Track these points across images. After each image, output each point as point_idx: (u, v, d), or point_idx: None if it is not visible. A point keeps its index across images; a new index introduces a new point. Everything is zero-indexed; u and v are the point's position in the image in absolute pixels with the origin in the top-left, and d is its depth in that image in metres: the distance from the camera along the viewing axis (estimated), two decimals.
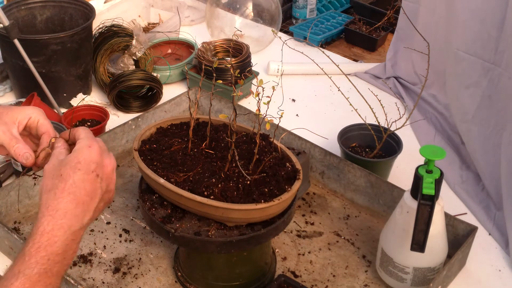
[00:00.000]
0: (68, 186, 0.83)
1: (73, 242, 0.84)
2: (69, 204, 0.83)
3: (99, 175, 0.86)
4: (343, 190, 1.44)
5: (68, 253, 0.83)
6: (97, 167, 0.86)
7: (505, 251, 1.32)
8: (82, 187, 0.84)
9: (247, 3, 2.13)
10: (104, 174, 0.87)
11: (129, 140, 1.56)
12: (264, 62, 1.95)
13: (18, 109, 0.97)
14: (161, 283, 1.23)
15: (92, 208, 0.86)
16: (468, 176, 1.51)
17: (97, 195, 0.86)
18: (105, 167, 0.88)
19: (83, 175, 0.84)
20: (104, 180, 0.87)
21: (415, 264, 1.16)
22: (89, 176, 0.85)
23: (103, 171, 0.87)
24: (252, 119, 1.30)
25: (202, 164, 1.12)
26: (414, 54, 1.72)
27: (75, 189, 0.83)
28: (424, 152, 1.09)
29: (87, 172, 0.85)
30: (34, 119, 0.97)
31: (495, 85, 1.43)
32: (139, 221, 1.37)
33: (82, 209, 0.84)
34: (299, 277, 1.24)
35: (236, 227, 1.08)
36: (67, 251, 0.83)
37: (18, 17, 1.75)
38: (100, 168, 0.87)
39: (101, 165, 0.87)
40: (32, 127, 0.97)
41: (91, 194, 0.85)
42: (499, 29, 1.39)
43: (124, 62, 1.81)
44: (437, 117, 1.71)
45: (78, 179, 0.84)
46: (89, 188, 0.85)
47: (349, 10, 2.41)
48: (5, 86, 1.80)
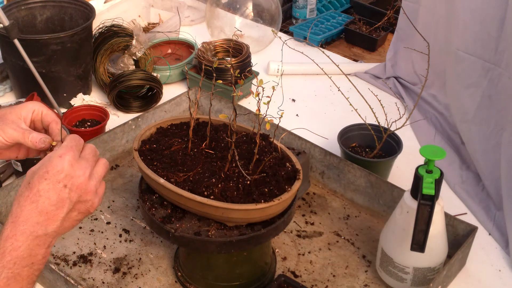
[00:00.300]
0: (32, 195, 0.84)
1: (39, 247, 0.84)
2: (31, 212, 0.84)
3: (67, 185, 0.85)
4: (343, 190, 1.44)
5: (35, 257, 0.84)
6: (65, 177, 0.85)
7: (505, 251, 1.32)
8: (46, 197, 0.84)
9: (247, 3, 2.13)
10: (73, 185, 0.86)
11: (129, 140, 1.56)
12: (264, 62, 1.95)
13: (20, 106, 0.98)
14: (161, 283, 1.23)
15: (58, 217, 0.85)
16: (468, 176, 1.51)
17: (64, 205, 0.85)
18: (75, 178, 0.86)
19: (49, 184, 0.84)
20: (74, 190, 0.86)
21: (415, 264, 1.16)
22: (55, 186, 0.85)
23: (72, 182, 0.86)
24: (252, 119, 1.30)
25: (202, 164, 1.12)
26: (414, 54, 1.72)
27: (39, 198, 0.84)
28: (424, 152, 1.09)
29: (54, 182, 0.85)
30: (38, 111, 0.98)
31: (495, 85, 1.43)
32: (139, 221, 1.37)
33: (46, 218, 0.84)
34: (299, 277, 1.24)
35: (236, 227, 1.08)
36: (34, 256, 0.84)
37: (18, 17, 1.75)
38: (69, 179, 0.86)
39: (71, 176, 0.86)
40: (37, 120, 0.99)
41: (57, 204, 0.85)
42: (499, 29, 1.39)
43: (124, 62, 1.81)
44: (437, 117, 1.71)
45: (43, 188, 0.84)
46: (54, 198, 0.84)
47: (349, 10, 2.41)
48: (5, 86, 1.80)
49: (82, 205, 0.88)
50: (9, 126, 0.94)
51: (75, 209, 0.88)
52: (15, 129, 0.94)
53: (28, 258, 0.83)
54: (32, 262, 0.84)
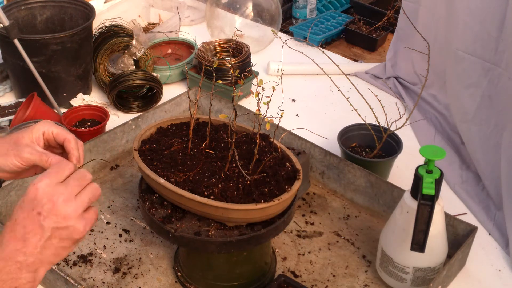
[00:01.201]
0: (11, 224, 0.85)
1: (20, 271, 0.84)
2: (10, 240, 0.85)
3: (41, 212, 0.85)
4: (343, 190, 1.44)
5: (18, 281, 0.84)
6: (38, 204, 0.85)
7: (505, 251, 1.32)
8: (22, 225, 0.85)
9: (247, 3, 2.13)
10: (46, 211, 0.85)
11: (129, 140, 1.56)
12: (264, 62, 1.95)
13: (30, 129, 0.98)
14: (161, 283, 1.23)
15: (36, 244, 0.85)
16: (468, 176, 1.51)
17: (38, 232, 0.85)
18: (48, 204, 0.85)
19: (23, 213, 0.85)
20: (49, 217, 0.85)
21: (415, 264, 1.16)
22: (29, 214, 0.85)
23: (45, 209, 0.85)
24: (252, 119, 1.30)
25: (202, 164, 1.12)
26: (414, 54, 1.72)
27: (16, 226, 0.85)
28: (424, 152, 1.09)
29: (28, 210, 0.85)
30: (48, 131, 0.97)
31: (495, 85, 1.43)
32: (139, 221, 1.37)
33: (23, 245, 0.85)
34: (299, 277, 1.24)
35: (236, 227, 1.08)
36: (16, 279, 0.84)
37: (18, 17, 1.75)
38: (42, 206, 0.85)
39: (43, 202, 0.85)
40: (49, 139, 0.98)
41: (32, 231, 0.85)
42: (499, 29, 1.39)
43: (124, 62, 1.81)
44: (437, 117, 1.71)
45: (19, 217, 0.85)
46: (29, 226, 0.85)
47: (349, 10, 2.41)
48: (5, 86, 1.80)
49: (62, 231, 0.86)
50: (25, 151, 0.94)
51: (54, 236, 0.86)
52: (32, 153, 0.94)
53: (10, 282, 0.83)
54: (16, 286, 0.84)
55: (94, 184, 0.90)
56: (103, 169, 1.51)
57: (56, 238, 0.86)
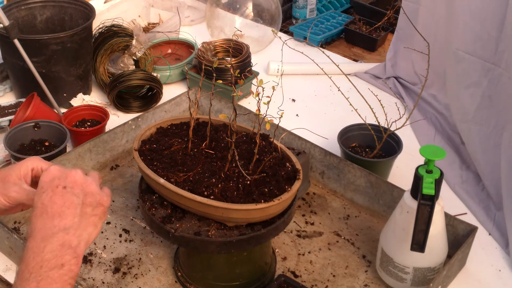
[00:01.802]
0: (38, 210, 0.86)
1: (63, 248, 0.84)
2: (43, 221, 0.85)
3: (66, 186, 0.87)
4: (343, 190, 1.44)
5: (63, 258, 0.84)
6: (60, 180, 0.88)
7: (505, 251, 1.32)
8: (52, 203, 0.86)
9: (247, 3, 2.13)
10: (71, 183, 0.88)
11: (129, 140, 1.56)
12: (264, 62, 1.95)
13: (18, 165, 0.97)
14: (161, 283, 1.23)
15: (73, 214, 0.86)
16: (468, 176, 1.51)
17: (73, 203, 0.87)
18: (69, 177, 0.88)
19: (49, 193, 0.87)
20: (75, 187, 0.88)
21: (415, 264, 1.16)
22: (55, 191, 0.86)
23: (68, 181, 0.88)
24: (252, 119, 1.30)
25: (202, 164, 1.12)
26: (414, 54, 1.72)
27: (45, 208, 0.86)
28: (424, 152, 1.09)
29: (52, 189, 0.87)
30: (37, 168, 0.97)
31: (495, 85, 1.43)
32: (139, 221, 1.37)
33: (59, 219, 0.85)
34: (299, 277, 1.24)
35: (236, 227, 1.08)
36: (61, 257, 0.84)
37: (18, 17, 1.75)
38: (64, 179, 0.88)
39: (65, 177, 0.88)
40: (37, 176, 0.98)
41: (65, 204, 0.86)
42: (499, 29, 1.39)
43: (124, 62, 1.81)
44: (437, 117, 1.71)
45: (45, 199, 0.86)
46: (59, 200, 0.86)
47: (349, 10, 2.41)
48: (5, 86, 1.80)
49: (90, 198, 0.89)
50: (12, 190, 0.94)
51: (86, 203, 0.88)
52: (18, 192, 0.94)
53: (54, 260, 0.83)
54: (62, 264, 0.83)
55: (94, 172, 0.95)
56: (103, 169, 1.51)
57: (88, 205, 0.88)
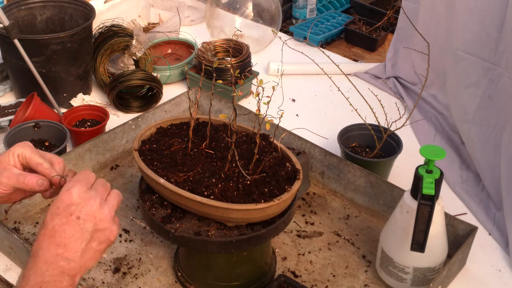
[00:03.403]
0: (48, 232, 0.86)
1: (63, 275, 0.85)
2: (49, 246, 0.85)
3: (80, 216, 0.86)
4: (343, 190, 1.44)
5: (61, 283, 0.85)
6: (76, 209, 0.87)
7: (505, 251, 1.32)
8: (61, 231, 0.86)
9: (247, 3, 2.13)
10: (86, 215, 0.87)
11: (129, 140, 1.56)
12: (264, 62, 1.95)
13: (6, 153, 0.98)
14: (161, 283, 1.23)
15: (77, 248, 0.86)
16: (468, 176, 1.51)
17: (82, 235, 0.86)
18: (86, 207, 0.87)
19: (61, 219, 0.86)
20: (88, 220, 0.87)
21: (415, 264, 1.16)
22: (69, 219, 0.86)
23: (84, 212, 0.87)
24: (252, 119, 1.30)
25: (202, 164, 1.12)
26: (414, 54, 1.72)
27: (54, 233, 0.86)
28: (424, 152, 1.09)
29: (66, 215, 0.86)
30: (22, 155, 0.97)
31: (495, 85, 1.43)
32: (139, 221, 1.37)
33: (64, 250, 0.86)
34: (299, 277, 1.24)
35: (236, 227, 1.08)
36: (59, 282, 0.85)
37: (18, 17, 1.75)
38: (80, 210, 0.87)
39: (82, 206, 0.87)
40: (23, 163, 0.98)
41: (74, 236, 0.86)
42: (499, 29, 1.39)
43: (124, 62, 1.81)
44: (437, 117, 1.71)
45: (56, 223, 0.86)
46: (69, 231, 0.86)
47: (349, 10, 2.41)
48: (5, 86, 1.80)
49: (101, 233, 0.88)
50: (3, 176, 0.94)
51: (94, 239, 0.88)
52: (9, 177, 0.94)
53: (53, 284, 0.84)
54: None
55: (116, 190, 0.93)
56: (103, 169, 1.51)
57: (95, 241, 0.88)
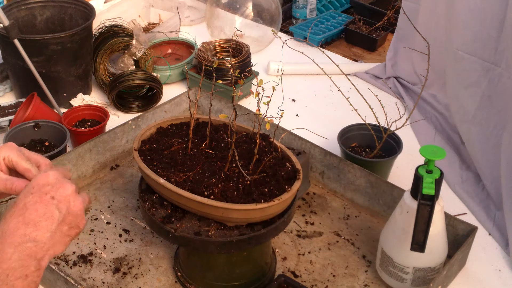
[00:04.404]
0: (18, 210, 0.83)
1: (30, 258, 0.82)
2: (17, 224, 0.82)
3: (54, 197, 0.85)
4: (343, 190, 1.44)
5: (28, 269, 0.82)
6: (51, 189, 0.85)
7: (505, 251, 1.32)
8: (33, 209, 0.83)
9: (247, 3, 2.13)
10: (60, 196, 0.85)
11: (129, 140, 1.56)
12: (264, 62, 1.95)
13: None
14: (161, 283, 1.23)
15: (48, 228, 0.84)
16: (468, 176, 1.51)
17: (52, 215, 0.84)
18: (61, 189, 0.86)
19: (35, 197, 0.84)
20: (62, 201, 0.85)
21: (415, 264, 1.16)
22: (42, 198, 0.84)
23: (59, 193, 0.85)
24: (252, 119, 1.30)
25: (202, 164, 1.12)
26: (414, 54, 1.72)
27: (25, 211, 0.83)
28: (424, 152, 1.09)
29: (40, 195, 0.84)
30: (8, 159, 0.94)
31: (495, 85, 1.43)
32: (139, 221, 1.37)
33: (34, 229, 0.83)
34: (299, 277, 1.24)
35: (236, 227, 1.08)
36: (26, 267, 0.82)
37: (18, 17, 1.75)
38: (55, 190, 0.85)
39: (57, 187, 0.86)
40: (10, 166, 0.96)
41: (45, 215, 0.84)
42: (499, 29, 1.39)
43: (124, 62, 1.81)
44: (437, 117, 1.71)
45: (29, 201, 0.84)
46: (41, 209, 0.84)
47: (349, 10, 2.41)
48: (5, 86, 1.80)
49: (72, 218, 0.86)
50: None
51: (65, 222, 0.86)
52: None
53: (20, 270, 0.81)
54: (26, 274, 0.82)
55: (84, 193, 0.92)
56: (103, 169, 1.51)
57: (66, 224, 0.86)
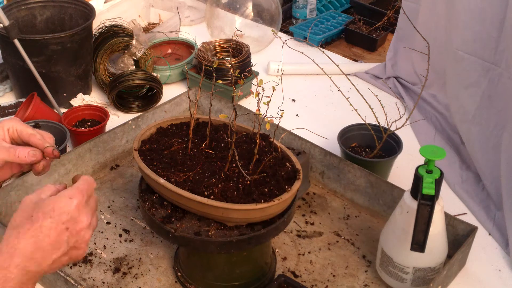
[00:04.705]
0: (33, 229, 0.82)
1: (29, 282, 0.82)
2: (28, 246, 0.82)
3: (68, 228, 0.84)
4: (343, 190, 1.44)
5: None
6: (69, 220, 0.84)
7: (505, 251, 1.32)
8: (47, 235, 0.82)
9: (247, 3, 2.13)
10: (74, 230, 0.85)
11: (129, 140, 1.56)
12: (264, 62, 1.95)
13: None
14: (161, 283, 1.23)
15: (52, 258, 0.84)
16: (468, 176, 1.51)
17: (61, 247, 0.84)
18: (78, 223, 0.85)
19: (52, 223, 0.83)
20: (74, 235, 0.85)
21: (415, 264, 1.16)
22: (58, 226, 0.83)
23: (74, 227, 0.85)
24: (252, 119, 1.30)
25: (202, 164, 1.12)
26: (414, 54, 1.72)
27: (39, 233, 0.82)
28: (424, 152, 1.09)
29: (57, 222, 0.83)
30: (13, 128, 0.96)
31: (495, 85, 1.43)
32: (139, 221, 1.37)
33: (42, 255, 0.83)
34: (299, 277, 1.24)
35: (236, 227, 1.08)
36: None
37: (18, 17, 1.75)
38: (73, 223, 0.85)
39: (75, 220, 0.85)
40: (14, 137, 0.97)
41: (55, 244, 0.83)
42: (499, 29, 1.39)
43: (124, 62, 1.81)
44: (437, 117, 1.71)
45: (46, 225, 0.83)
46: (54, 237, 0.83)
47: (349, 10, 2.41)
48: (5, 86, 1.80)
49: (75, 251, 0.87)
50: None
51: (68, 254, 0.86)
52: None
53: None
54: None
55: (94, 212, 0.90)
56: (103, 169, 1.51)
57: (67, 256, 0.86)
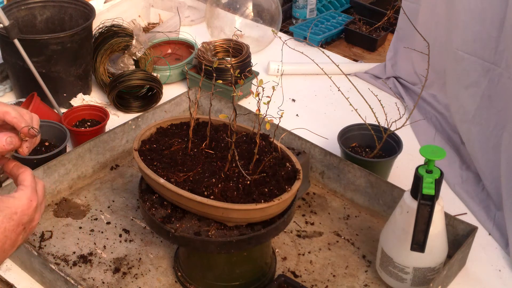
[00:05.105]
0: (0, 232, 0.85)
1: None
2: None
3: (25, 228, 0.87)
4: (343, 190, 1.44)
5: None
6: (27, 221, 0.87)
7: (505, 251, 1.32)
8: (9, 237, 0.85)
9: (247, 3, 2.13)
10: (29, 228, 0.88)
11: (129, 140, 1.56)
12: (264, 62, 1.95)
13: None
14: (161, 283, 1.23)
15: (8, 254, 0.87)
16: (468, 176, 1.51)
17: (16, 244, 0.87)
18: (33, 222, 0.88)
19: (14, 226, 0.85)
20: (27, 233, 0.88)
21: (415, 264, 1.16)
22: (18, 228, 0.86)
23: (29, 226, 0.88)
24: (252, 119, 1.30)
25: (202, 164, 1.12)
26: (414, 54, 1.72)
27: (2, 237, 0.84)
28: (424, 152, 1.09)
29: (18, 224, 0.86)
30: None
31: (495, 85, 1.43)
32: (139, 221, 1.37)
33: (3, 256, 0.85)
34: (299, 277, 1.24)
35: (236, 227, 1.08)
36: None
37: (18, 17, 1.75)
38: (29, 223, 0.88)
39: (31, 220, 0.88)
40: None
41: (13, 243, 0.86)
42: (499, 29, 1.39)
43: (124, 62, 1.81)
44: (437, 117, 1.71)
45: (9, 229, 0.85)
46: (13, 238, 0.86)
47: (349, 10, 2.41)
48: (5, 86, 1.80)
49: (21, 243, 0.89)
50: None
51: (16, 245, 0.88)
52: None
53: None
54: None
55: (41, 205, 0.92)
56: (103, 169, 1.51)
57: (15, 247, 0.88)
